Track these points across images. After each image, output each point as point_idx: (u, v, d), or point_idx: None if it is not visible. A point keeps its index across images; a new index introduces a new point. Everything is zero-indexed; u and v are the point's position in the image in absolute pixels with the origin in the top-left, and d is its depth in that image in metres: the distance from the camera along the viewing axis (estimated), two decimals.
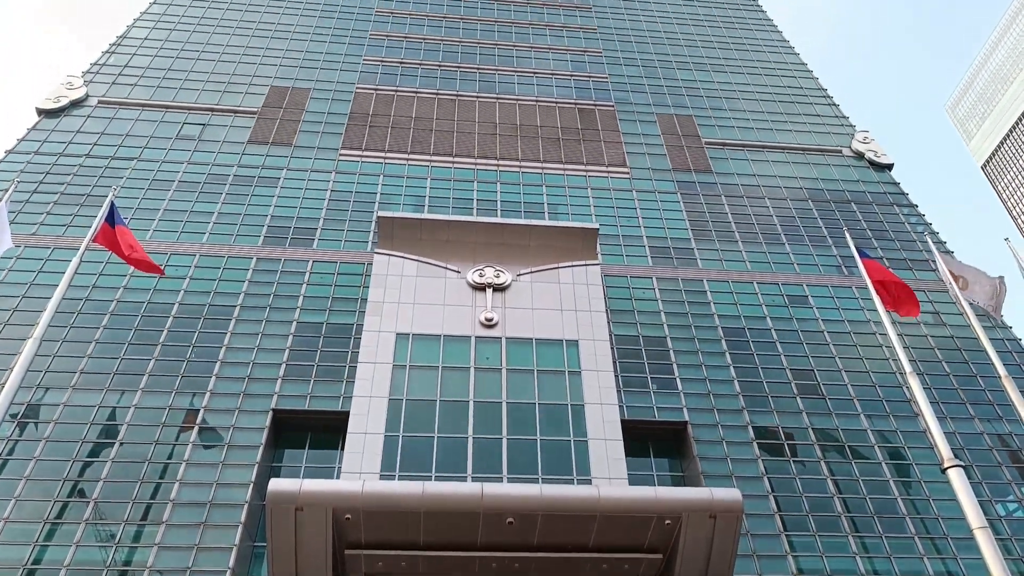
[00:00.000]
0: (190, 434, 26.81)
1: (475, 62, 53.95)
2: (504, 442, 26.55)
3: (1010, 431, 30.47)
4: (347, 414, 27.17)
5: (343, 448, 26.21)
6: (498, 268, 32.57)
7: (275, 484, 21.33)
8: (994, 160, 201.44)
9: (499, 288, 31.94)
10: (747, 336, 33.57)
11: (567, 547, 22.39)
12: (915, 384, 22.45)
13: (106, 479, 24.98)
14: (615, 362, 30.75)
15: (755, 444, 28.76)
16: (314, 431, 28.71)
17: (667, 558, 22.75)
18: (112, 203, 27.61)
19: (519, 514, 21.60)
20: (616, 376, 30.05)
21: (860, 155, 48.54)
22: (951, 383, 32.47)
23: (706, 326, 33.88)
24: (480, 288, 31.88)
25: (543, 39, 58.28)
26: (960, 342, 34.51)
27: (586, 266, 33.28)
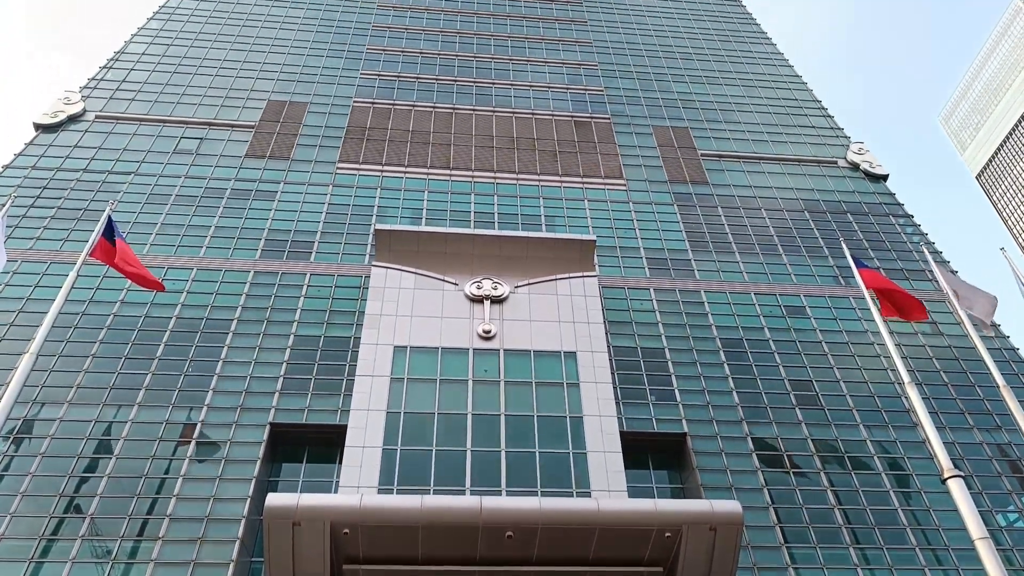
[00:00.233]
0: (187, 449, 26.66)
1: (472, 76, 54.22)
2: (503, 455, 26.44)
3: (1009, 441, 30.43)
4: (345, 428, 27.05)
5: (341, 462, 26.06)
6: (496, 280, 32.58)
7: (272, 499, 21.20)
8: (988, 170, 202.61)
9: (497, 300, 31.94)
10: (745, 347, 33.57)
11: (567, 561, 22.25)
12: (914, 394, 22.44)
13: (102, 494, 24.80)
14: (614, 374, 30.71)
15: (755, 456, 28.68)
16: (312, 445, 28.58)
17: (667, 571, 22.62)
18: (109, 217, 27.61)
19: (518, 528, 21.48)
20: (615, 388, 29.99)
21: (855, 166, 48.78)
22: (950, 393, 32.47)
23: (704, 337, 33.88)
24: (478, 300, 31.87)
25: (539, 53, 58.63)
26: (958, 352, 34.54)
27: (583, 278, 33.30)
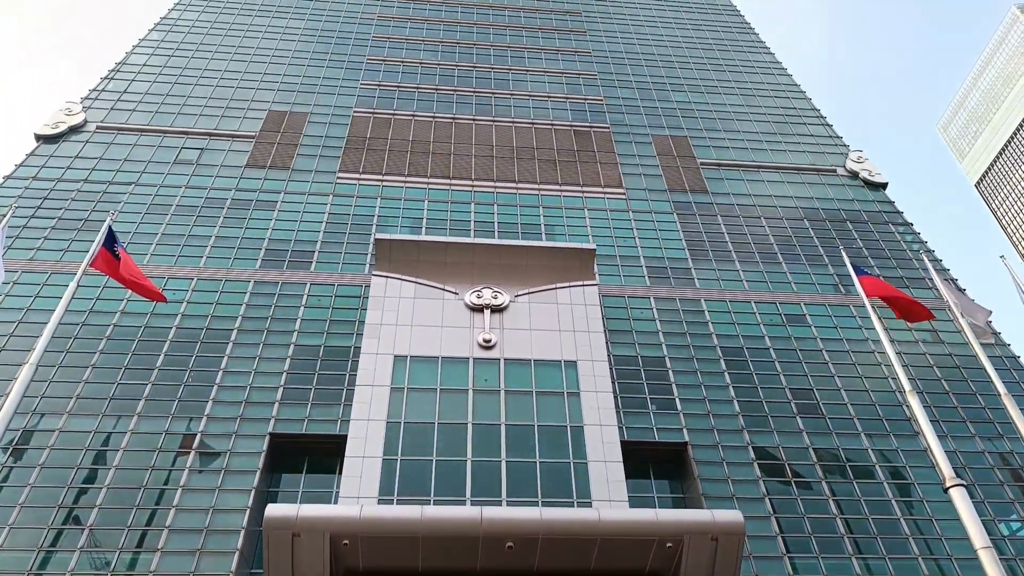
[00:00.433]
0: (186, 459, 26.59)
1: (472, 86, 54.42)
2: (503, 465, 26.36)
3: (1011, 449, 30.34)
4: (345, 438, 26.99)
5: (341, 472, 25.99)
6: (496, 289, 32.58)
7: (272, 509, 21.12)
8: (987, 178, 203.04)
9: (497, 309, 31.93)
10: (746, 356, 33.52)
11: (568, 571, 22.15)
12: (915, 402, 22.40)
13: (101, 505, 24.72)
14: (614, 383, 30.65)
15: (756, 465, 28.59)
16: (312, 455, 28.50)
17: None
18: (110, 227, 27.64)
19: (519, 538, 21.39)
20: (615, 397, 29.93)
21: (854, 174, 48.86)
22: (951, 401, 32.40)
23: (705, 346, 33.85)
24: (478, 309, 31.86)
25: (539, 63, 58.87)
26: (959, 360, 34.48)
27: (584, 287, 33.31)
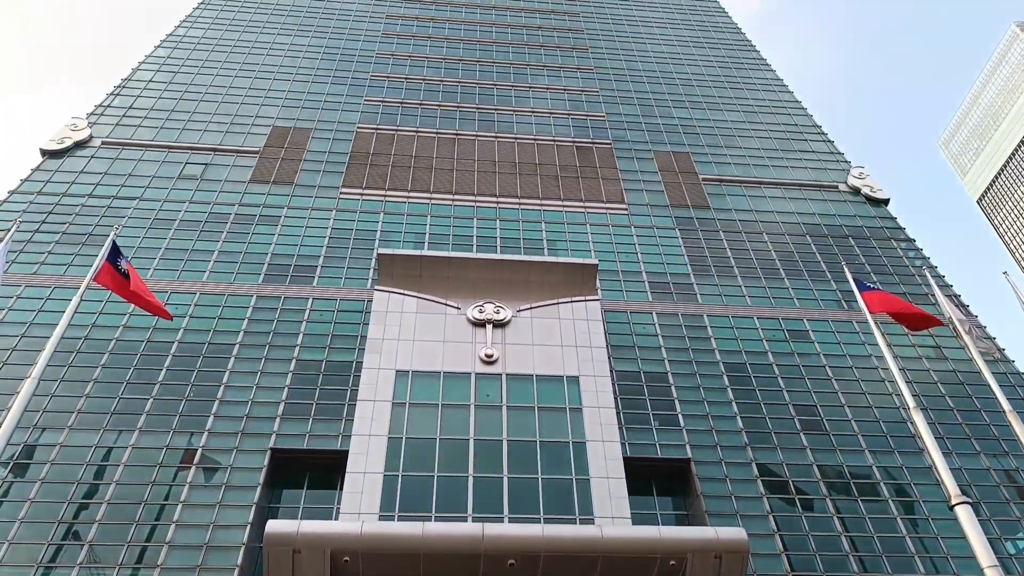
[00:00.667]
0: (187, 474, 26.48)
1: (474, 102, 54.77)
2: (505, 481, 26.22)
3: (1017, 467, 30.12)
4: (346, 453, 26.88)
5: (342, 488, 25.86)
6: (498, 304, 32.57)
7: (272, 525, 21.03)
8: (989, 194, 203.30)
9: (499, 324, 31.90)
10: (749, 371, 33.42)
11: None
12: (919, 419, 22.26)
13: (101, 521, 24.59)
14: (616, 398, 30.53)
15: (759, 481, 28.40)
16: (313, 471, 28.37)
17: None
18: (114, 242, 27.74)
19: (521, 555, 21.25)
20: (618, 413, 29.81)
21: (856, 190, 48.96)
22: (955, 418, 32.22)
23: (707, 361, 33.75)
24: (480, 324, 31.84)
25: (541, 79, 59.26)
26: (963, 376, 34.34)
27: (586, 302, 33.29)
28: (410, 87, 55.85)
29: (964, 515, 19.29)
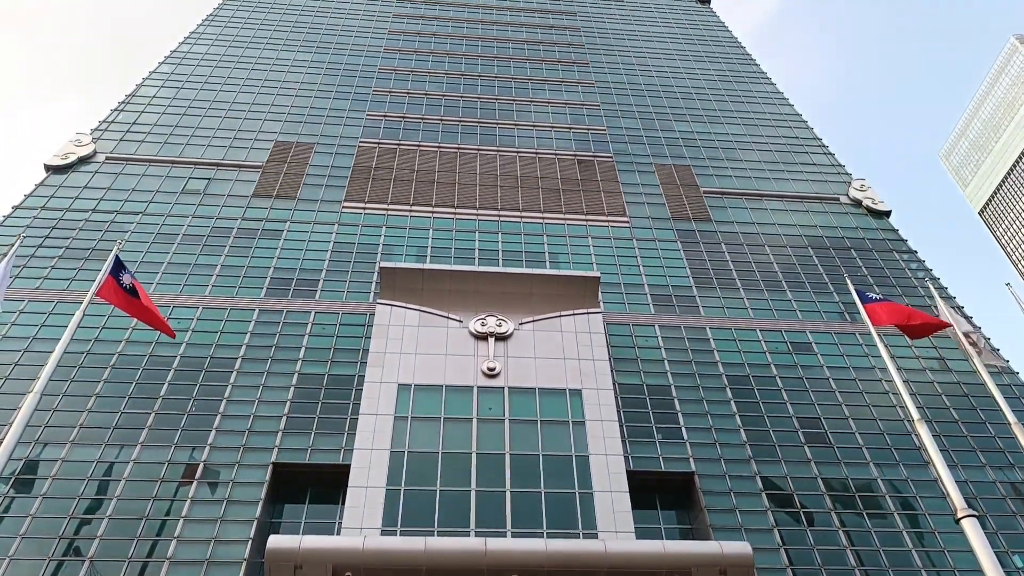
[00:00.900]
0: (189, 489, 26.39)
1: (476, 116, 55.05)
2: (508, 495, 26.09)
3: (1023, 479, 29.93)
4: (348, 467, 26.79)
5: (344, 502, 25.76)
6: (500, 317, 32.56)
7: (274, 541, 20.94)
8: (991, 206, 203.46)
9: (501, 337, 31.87)
10: (752, 384, 33.31)
11: None
12: (924, 432, 22.16)
13: (103, 536, 24.48)
14: (619, 411, 30.44)
15: (764, 495, 28.23)
16: (315, 485, 28.25)
17: None
18: (117, 257, 27.82)
19: (524, 570, 21.13)
20: (621, 426, 29.71)
21: (858, 203, 49.02)
22: (960, 430, 32.06)
23: (710, 374, 33.66)
24: (482, 337, 31.82)
25: (543, 93, 59.58)
26: (967, 388, 34.21)
27: (588, 314, 33.27)
28: (412, 102, 56.17)
29: (970, 528, 19.16)
